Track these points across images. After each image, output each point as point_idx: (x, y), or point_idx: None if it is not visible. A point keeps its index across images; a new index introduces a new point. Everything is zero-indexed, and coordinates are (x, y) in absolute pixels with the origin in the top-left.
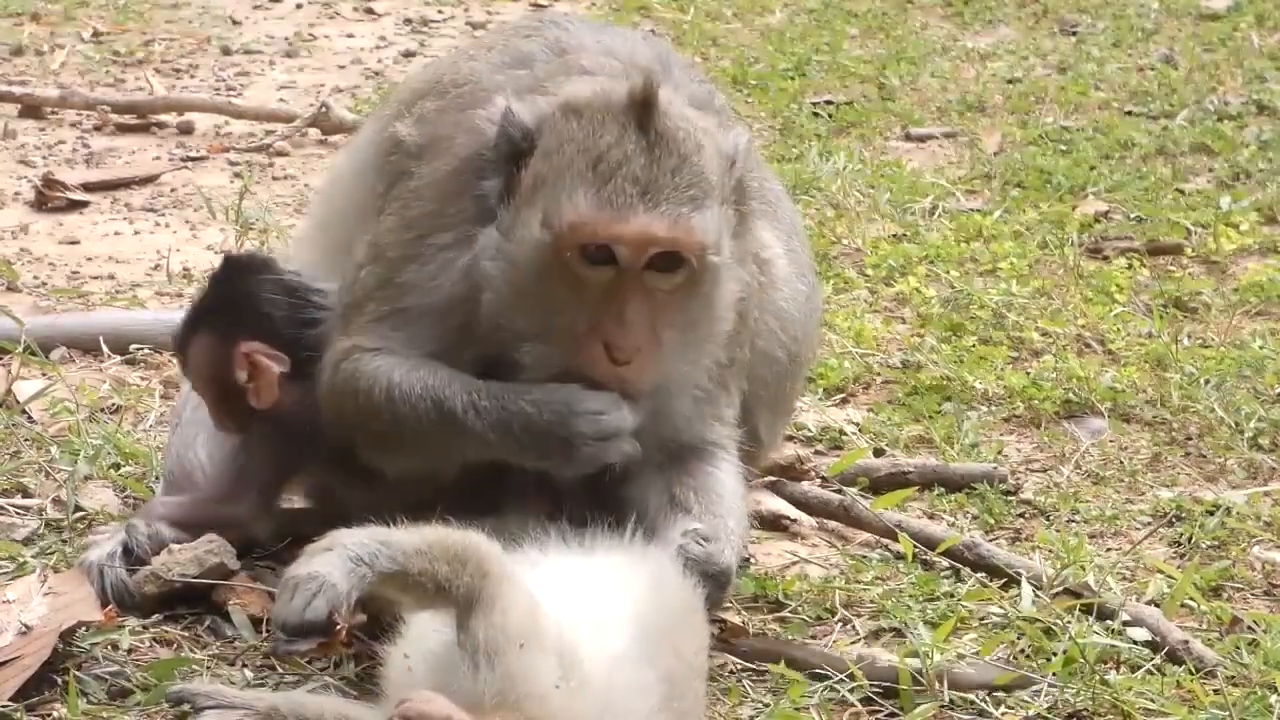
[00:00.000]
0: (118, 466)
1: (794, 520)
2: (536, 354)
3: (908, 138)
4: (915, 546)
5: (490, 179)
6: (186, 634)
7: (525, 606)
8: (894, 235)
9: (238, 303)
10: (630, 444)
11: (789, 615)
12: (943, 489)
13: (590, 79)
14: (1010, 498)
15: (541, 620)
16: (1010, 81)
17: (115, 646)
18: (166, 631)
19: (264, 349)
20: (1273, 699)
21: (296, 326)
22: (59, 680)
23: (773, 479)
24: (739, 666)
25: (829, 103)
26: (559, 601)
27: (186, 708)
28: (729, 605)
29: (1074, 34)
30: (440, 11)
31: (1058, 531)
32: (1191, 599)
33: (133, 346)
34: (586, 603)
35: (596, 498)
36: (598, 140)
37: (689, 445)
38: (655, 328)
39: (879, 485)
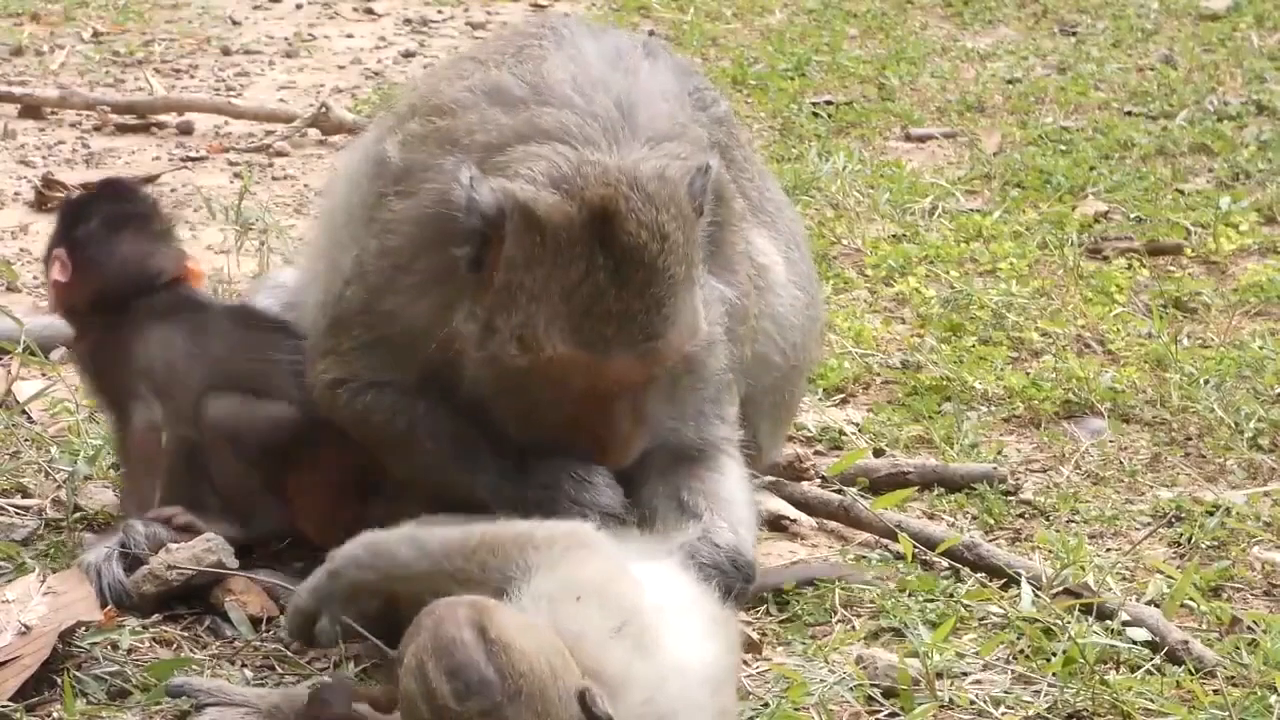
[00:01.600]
0: (118, 466)
1: (794, 520)
2: (519, 431)
3: (908, 138)
4: (915, 546)
5: (461, 246)
6: (186, 634)
7: (600, 570)
8: (894, 235)
9: (74, 215)
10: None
11: (789, 615)
12: (943, 489)
13: (547, 154)
14: (1010, 498)
15: (620, 588)
16: (1010, 81)
17: (115, 646)
18: (166, 631)
19: (63, 256)
20: (1272, 699)
21: (99, 259)
22: (58, 680)
23: (773, 479)
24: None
25: (829, 103)
26: (654, 593)
27: (187, 704)
28: (747, 621)
29: (1074, 34)
30: (440, 11)
31: (1058, 531)
32: (1191, 599)
33: None
34: (679, 609)
35: None
36: (566, 270)
37: (691, 446)
38: (641, 412)
39: (879, 485)
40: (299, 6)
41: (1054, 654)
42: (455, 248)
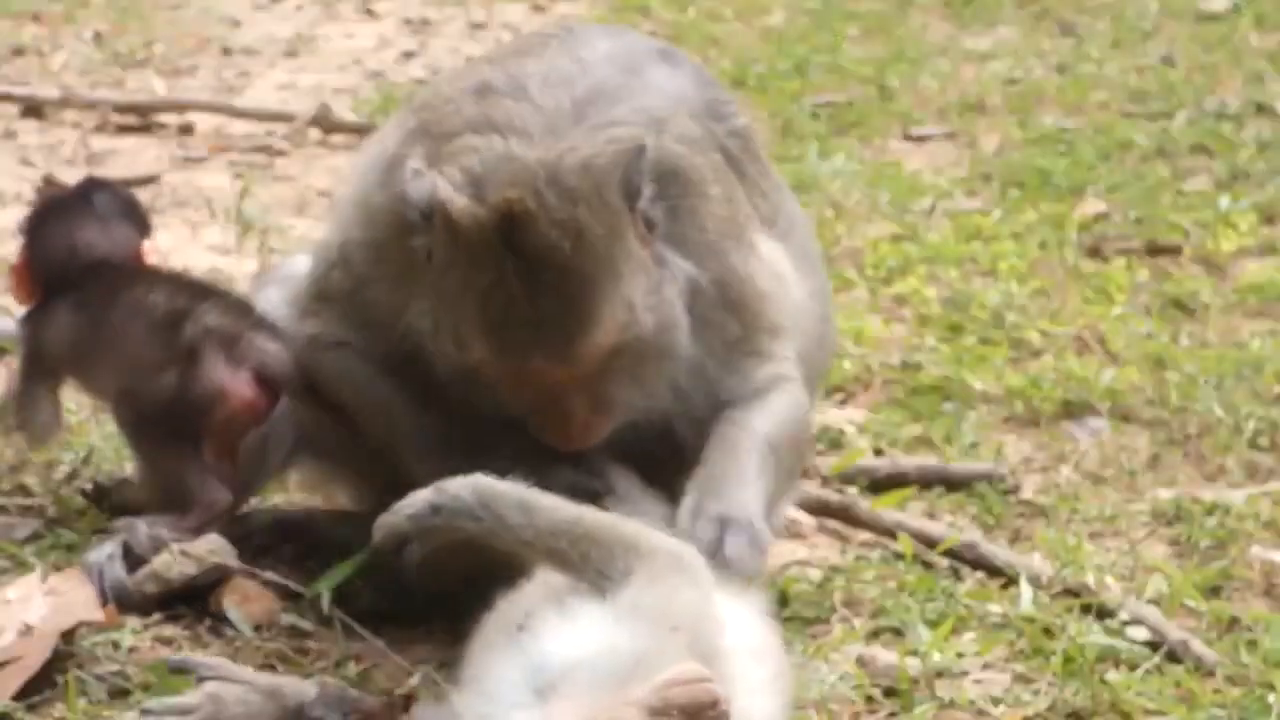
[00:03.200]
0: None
1: (794, 520)
2: (489, 414)
3: (907, 138)
4: (915, 546)
5: (419, 238)
6: (186, 634)
7: (693, 602)
8: (894, 235)
9: (41, 210)
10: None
11: (789, 615)
12: (943, 489)
13: (480, 146)
14: (1010, 497)
15: (708, 625)
16: (1010, 82)
17: (115, 646)
18: (167, 631)
19: (24, 255)
20: (1271, 698)
21: (39, 244)
22: (59, 680)
23: None
24: None
25: (829, 103)
26: (732, 635)
27: (190, 680)
28: None
29: (1074, 34)
30: (440, 11)
31: (1057, 531)
32: (1191, 599)
33: None
34: (749, 657)
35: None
36: (479, 275)
37: (725, 402)
38: (600, 400)
39: (879, 485)
40: (299, 7)
41: (1054, 653)
42: (416, 238)
